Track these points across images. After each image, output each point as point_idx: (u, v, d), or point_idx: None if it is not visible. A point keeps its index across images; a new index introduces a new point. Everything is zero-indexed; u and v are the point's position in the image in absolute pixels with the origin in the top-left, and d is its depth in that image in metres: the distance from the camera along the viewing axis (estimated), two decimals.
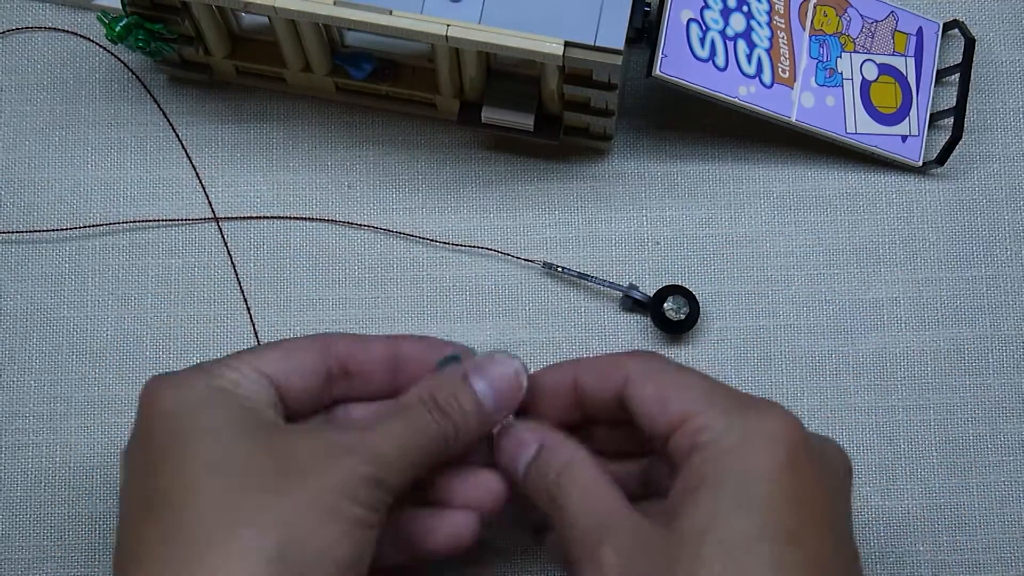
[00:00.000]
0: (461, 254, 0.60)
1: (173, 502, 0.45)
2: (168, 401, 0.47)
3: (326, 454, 0.45)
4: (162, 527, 0.45)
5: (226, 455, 0.45)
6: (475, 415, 0.48)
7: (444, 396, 0.48)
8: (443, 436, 0.48)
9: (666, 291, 0.58)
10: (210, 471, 0.45)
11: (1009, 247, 0.60)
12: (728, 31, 0.58)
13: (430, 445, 0.47)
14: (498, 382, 0.49)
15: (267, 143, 0.61)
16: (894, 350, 0.59)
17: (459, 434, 0.48)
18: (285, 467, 0.45)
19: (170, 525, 0.44)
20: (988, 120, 0.62)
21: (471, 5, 0.52)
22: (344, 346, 0.51)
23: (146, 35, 0.57)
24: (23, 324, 0.60)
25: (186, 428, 0.46)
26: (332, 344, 0.51)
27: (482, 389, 0.49)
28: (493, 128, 0.58)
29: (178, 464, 0.46)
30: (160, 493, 0.45)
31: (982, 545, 0.57)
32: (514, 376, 0.49)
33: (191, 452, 0.46)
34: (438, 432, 0.47)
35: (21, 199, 0.61)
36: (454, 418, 0.48)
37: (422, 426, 0.47)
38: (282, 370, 0.49)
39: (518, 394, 0.49)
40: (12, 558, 0.57)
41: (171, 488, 0.45)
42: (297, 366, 0.50)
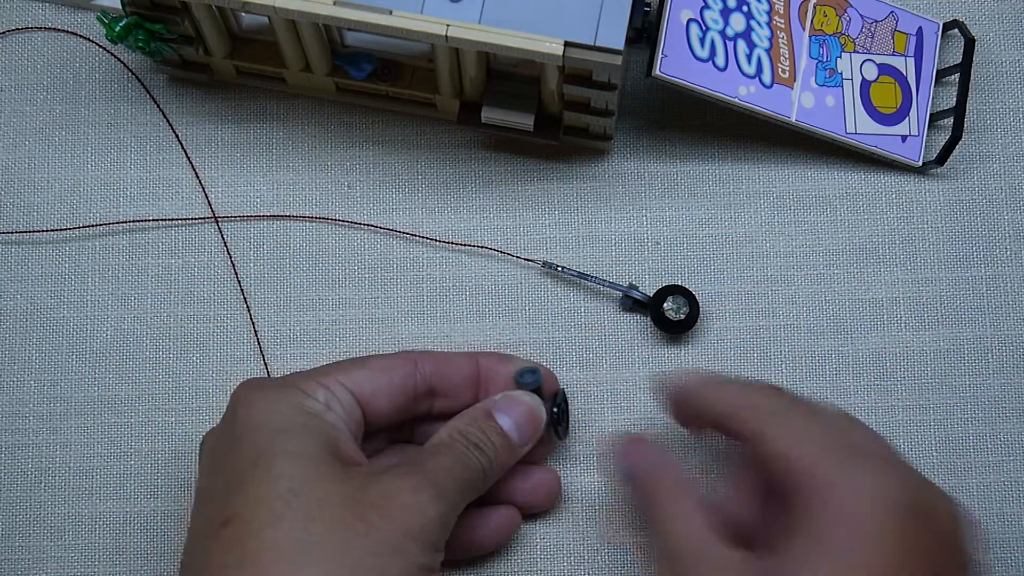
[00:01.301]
0: (461, 254, 0.60)
1: (251, 525, 0.46)
2: (260, 413, 0.49)
3: (399, 492, 0.47)
4: (239, 549, 0.45)
5: (307, 485, 0.46)
6: (504, 448, 0.51)
7: (475, 433, 0.50)
8: (482, 469, 0.50)
9: (666, 291, 0.58)
10: (290, 500, 0.46)
11: (1009, 247, 0.60)
12: (728, 31, 0.58)
13: (474, 479, 0.50)
14: (519, 417, 0.52)
15: (267, 143, 0.61)
16: (894, 350, 0.59)
17: (494, 467, 0.51)
18: (360, 505, 0.46)
19: (248, 548, 0.45)
20: (988, 120, 0.62)
21: (471, 5, 0.52)
22: (431, 365, 0.53)
23: (146, 35, 0.57)
24: (23, 324, 0.60)
25: (274, 449, 0.47)
26: (419, 363, 0.53)
27: (507, 424, 0.51)
28: (493, 128, 0.58)
29: (260, 485, 0.46)
30: (239, 512, 0.46)
31: (982, 545, 0.57)
32: (533, 411, 0.53)
33: (275, 475, 0.47)
34: (478, 466, 0.50)
35: (21, 199, 0.61)
36: (488, 452, 0.50)
37: (467, 462, 0.50)
38: (369, 389, 0.51)
39: (538, 427, 0.52)
40: (12, 558, 0.57)
41: (251, 510, 0.46)
42: (384, 385, 0.51)
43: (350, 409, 0.50)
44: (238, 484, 0.47)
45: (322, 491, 0.46)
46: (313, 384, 0.50)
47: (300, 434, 0.48)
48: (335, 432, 0.49)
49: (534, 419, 0.52)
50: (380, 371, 0.52)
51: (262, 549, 0.45)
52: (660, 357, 0.59)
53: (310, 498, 0.46)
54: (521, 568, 0.57)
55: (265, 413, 0.49)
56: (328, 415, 0.49)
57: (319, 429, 0.48)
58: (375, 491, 0.47)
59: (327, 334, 0.59)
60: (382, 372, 0.52)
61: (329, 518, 0.46)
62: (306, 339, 0.59)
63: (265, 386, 0.50)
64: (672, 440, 0.57)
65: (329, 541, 0.45)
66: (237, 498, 0.47)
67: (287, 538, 0.45)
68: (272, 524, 0.45)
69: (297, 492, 0.46)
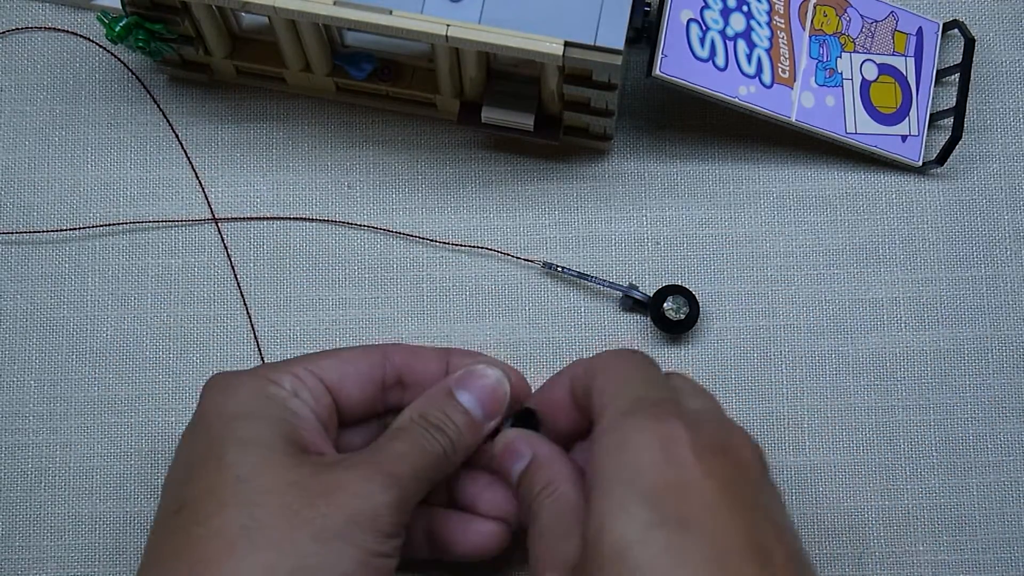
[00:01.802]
0: (461, 254, 0.60)
1: (199, 512, 0.46)
2: (221, 401, 0.49)
3: (349, 480, 0.47)
4: (184, 536, 0.46)
5: (255, 472, 0.46)
6: (467, 427, 0.50)
7: (435, 414, 0.50)
8: (443, 451, 0.49)
9: (666, 291, 0.58)
10: (236, 487, 0.46)
11: (1009, 247, 0.60)
12: (728, 31, 0.58)
13: (434, 462, 0.49)
14: (481, 392, 0.51)
15: (267, 143, 0.61)
16: (894, 350, 0.59)
17: (456, 447, 0.50)
18: (310, 493, 0.46)
19: (192, 535, 0.46)
20: (988, 120, 0.62)
21: (471, 5, 0.52)
22: (400, 357, 0.52)
23: (146, 35, 0.57)
24: (23, 324, 0.60)
25: (227, 436, 0.48)
26: (389, 354, 0.52)
27: (468, 401, 0.51)
28: (493, 128, 0.58)
29: (212, 473, 0.47)
30: (190, 500, 0.47)
31: (982, 545, 0.57)
32: (496, 384, 0.52)
33: (227, 462, 0.47)
34: (438, 448, 0.49)
35: (21, 199, 0.61)
36: (449, 433, 0.50)
37: (423, 445, 0.49)
38: (338, 376, 0.51)
39: (503, 400, 0.52)
40: (12, 558, 0.57)
41: (200, 497, 0.46)
42: (352, 372, 0.51)
43: (318, 395, 0.50)
44: (191, 472, 0.48)
45: (270, 478, 0.46)
46: (280, 372, 0.50)
47: (256, 420, 0.48)
48: (296, 419, 0.49)
49: (497, 393, 0.51)
50: (348, 360, 0.52)
51: (206, 536, 0.45)
52: (660, 357, 0.59)
53: (256, 485, 0.46)
54: (521, 568, 0.57)
55: (226, 401, 0.49)
56: (291, 402, 0.49)
57: (278, 416, 0.48)
58: (325, 479, 0.47)
59: (327, 334, 0.59)
60: (350, 361, 0.52)
61: (274, 505, 0.46)
62: (306, 339, 0.59)
63: (232, 376, 0.50)
64: None
65: (273, 528, 0.45)
66: (188, 486, 0.47)
67: (231, 525, 0.45)
68: (217, 511, 0.46)
69: (244, 479, 0.46)
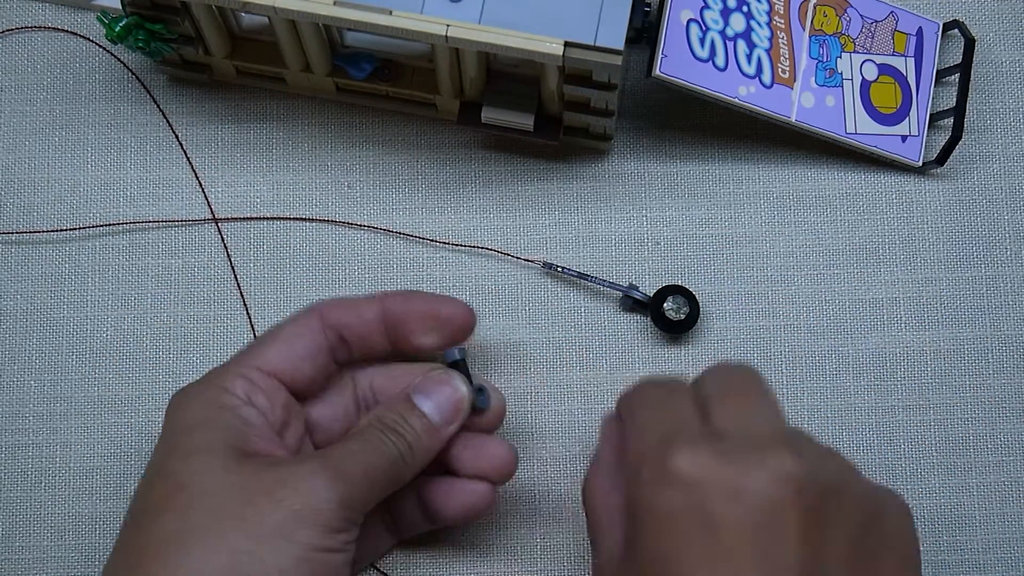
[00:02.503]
0: (461, 254, 0.60)
1: (140, 523, 0.47)
2: (173, 419, 0.50)
3: (292, 478, 0.47)
4: (126, 547, 0.47)
5: (194, 478, 0.47)
6: (425, 431, 0.51)
7: (392, 417, 0.51)
8: (399, 454, 0.50)
9: (666, 291, 0.58)
10: (175, 495, 0.47)
11: (1009, 247, 0.60)
12: (728, 31, 0.58)
13: (389, 465, 0.50)
14: (439, 397, 0.52)
15: (267, 143, 0.61)
16: (894, 350, 0.59)
17: (413, 450, 0.50)
18: (251, 494, 0.47)
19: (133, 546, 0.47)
20: (988, 120, 0.62)
21: (471, 5, 0.52)
22: (337, 315, 0.53)
23: (146, 35, 0.57)
24: (23, 324, 0.60)
25: (175, 447, 0.49)
26: (326, 315, 0.52)
27: (427, 407, 0.51)
28: (493, 128, 0.58)
29: (157, 485, 0.48)
30: (136, 513, 0.48)
31: (982, 545, 0.57)
32: (454, 391, 0.52)
33: (171, 471, 0.48)
34: (394, 451, 0.50)
35: (21, 199, 0.61)
36: (406, 436, 0.50)
37: (379, 447, 0.50)
38: (287, 363, 0.51)
39: (462, 405, 0.52)
40: (12, 558, 0.57)
41: (143, 509, 0.48)
42: (300, 351, 0.52)
43: (272, 394, 0.51)
44: (142, 486, 0.49)
45: (209, 482, 0.47)
46: (230, 377, 0.50)
47: (202, 430, 0.49)
48: (246, 427, 0.49)
49: (456, 400, 0.52)
50: (292, 339, 0.52)
51: (143, 543, 0.46)
52: (660, 357, 0.59)
53: (194, 490, 0.47)
54: (521, 568, 0.57)
55: (178, 416, 0.50)
56: (243, 410, 0.50)
57: (226, 424, 0.49)
58: (268, 478, 0.47)
59: None
60: (295, 339, 0.52)
61: (209, 507, 0.46)
62: None
63: (187, 390, 0.51)
64: None
65: (205, 529, 0.46)
66: (137, 502, 0.49)
67: (166, 531, 0.46)
68: (155, 520, 0.47)
69: (183, 486, 0.47)
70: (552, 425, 0.58)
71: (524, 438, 0.58)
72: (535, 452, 0.58)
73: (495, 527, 0.57)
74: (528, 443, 0.58)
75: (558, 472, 0.58)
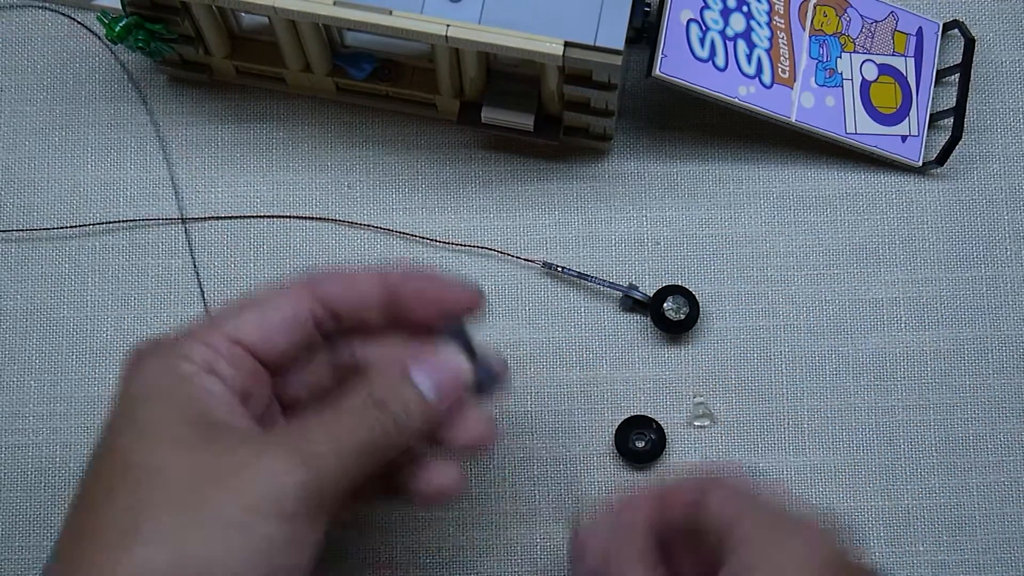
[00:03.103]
0: (461, 254, 0.60)
1: (89, 499, 0.43)
2: (127, 382, 0.46)
3: (252, 462, 0.43)
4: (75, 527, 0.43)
5: (150, 457, 0.43)
6: (417, 407, 0.46)
7: (383, 392, 0.45)
8: (382, 430, 0.45)
9: (666, 291, 0.58)
10: (127, 473, 0.43)
11: (1009, 247, 0.60)
12: (728, 31, 0.58)
13: (370, 443, 0.44)
14: (439, 375, 0.46)
15: (267, 143, 0.61)
16: (894, 350, 0.59)
17: (399, 428, 0.45)
18: (207, 479, 0.42)
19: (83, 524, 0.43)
20: (988, 120, 0.62)
21: (471, 5, 0.52)
22: (330, 289, 0.48)
23: (146, 35, 0.57)
24: (23, 324, 0.60)
25: (125, 420, 0.44)
26: (317, 289, 0.48)
27: (423, 382, 0.46)
28: (493, 128, 0.58)
29: (106, 459, 0.44)
30: (86, 486, 0.44)
31: (982, 545, 0.57)
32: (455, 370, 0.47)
33: (122, 447, 0.44)
34: (377, 428, 0.45)
35: (21, 199, 0.61)
36: (393, 410, 0.45)
37: (360, 424, 0.45)
38: (260, 334, 0.47)
39: (460, 385, 0.47)
40: (12, 558, 0.57)
41: (92, 484, 0.44)
42: (277, 322, 0.47)
43: (237, 362, 0.46)
44: (91, 461, 0.45)
45: (163, 463, 0.43)
46: (192, 343, 0.45)
47: (156, 402, 0.44)
48: (205, 397, 0.44)
49: (456, 377, 0.47)
50: (269, 309, 0.47)
51: (92, 528, 0.42)
52: (660, 357, 0.59)
53: (144, 473, 0.43)
54: (521, 568, 0.57)
55: (132, 380, 0.45)
56: (200, 378, 0.45)
57: (184, 395, 0.44)
58: (227, 461, 0.42)
59: None
60: (271, 310, 0.47)
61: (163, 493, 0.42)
62: None
63: (144, 351, 0.46)
64: None
65: (157, 518, 0.42)
66: (88, 473, 0.44)
67: (116, 514, 0.42)
68: (105, 499, 0.43)
69: (134, 465, 0.43)
70: (552, 425, 0.58)
71: (524, 438, 0.58)
72: (535, 452, 0.58)
73: (495, 527, 0.57)
74: (528, 443, 0.58)
75: (558, 472, 0.58)
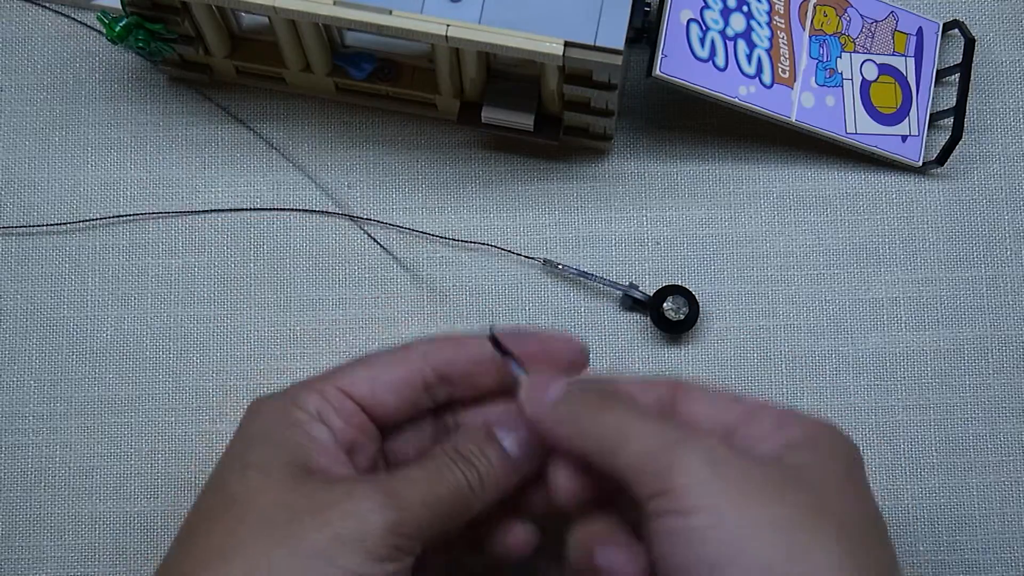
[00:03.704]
0: (461, 253, 0.60)
1: (191, 532, 0.46)
2: (244, 428, 0.49)
3: (342, 499, 0.45)
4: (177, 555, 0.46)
5: (247, 493, 0.46)
6: (500, 463, 0.48)
7: (467, 446, 0.48)
8: (466, 483, 0.47)
9: (666, 291, 0.58)
10: (228, 507, 0.46)
11: (1009, 247, 0.60)
12: (728, 31, 0.58)
13: (454, 495, 0.47)
14: (523, 434, 0.48)
15: (267, 143, 0.61)
16: (894, 350, 0.59)
17: (484, 483, 0.47)
18: (299, 512, 0.45)
19: (183, 554, 0.46)
20: (988, 120, 0.62)
21: (471, 5, 0.52)
22: (440, 352, 0.50)
23: (146, 35, 0.57)
24: (23, 324, 0.60)
25: (234, 460, 0.47)
26: (428, 351, 0.50)
27: (508, 443, 0.48)
28: (493, 128, 0.58)
29: (213, 496, 0.47)
30: (190, 521, 0.47)
31: (982, 545, 0.57)
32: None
33: (226, 484, 0.47)
34: (460, 479, 0.47)
35: (21, 199, 0.61)
36: (478, 467, 0.47)
37: (444, 475, 0.47)
38: (370, 390, 0.49)
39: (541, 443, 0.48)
40: (12, 558, 0.57)
41: (197, 519, 0.47)
42: (388, 381, 0.49)
43: (346, 415, 0.49)
44: (200, 495, 0.48)
45: (262, 498, 0.45)
46: (306, 392, 0.49)
47: (265, 445, 0.47)
48: (311, 443, 0.47)
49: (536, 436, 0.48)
50: (382, 367, 0.50)
51: (188, 553, 0.45)
52: (660, 357, 0.59)
53: (247, 505, 0.45)
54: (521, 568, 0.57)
55: (248, 426, 0.48)
56: (310, 425, 0.48)
57: (291, 440, 0.47)
58: (319, 499, 0.45)
59: (327, 334, 0.59)
60: (384, 368, 0.50)
61: (257, 522, 0.45)
62: (306, 339, 0.59)
63: (264, 399, 0.50)
64: None
65: (250, 544, 0.44)
66: (193, 509, 0.47)
67: (212, 544, 0.45)
68: (206, 531, 0.46)
69: (237, 500, 0.46)
70: None
71: None
72: None
73: None
74: None
75: None
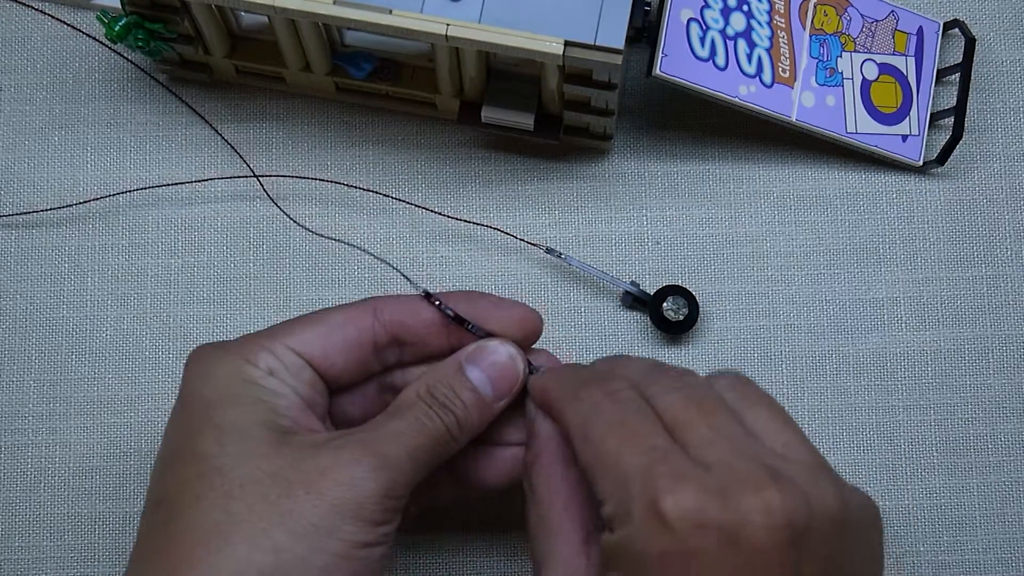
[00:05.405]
0: (461, 254, 0.60)
1: (174, 507, 0.45)
2: (199, 384, 0.47)
3: (334, 468, 0.45)
4: (163, 532, 0.44)
5: (232, 462, 0.45)
6: (474, 405, 0.48)
7: (442, 391, 0.48)
8: (445, 430, 0.47)
9: (666, 291, 0.58)
10: (212, 479, 0.44)
11: (1009, 247, 0.60)
12: (728, 30, 0.58)
13: (434, 441, 0.47)
14: (493, 369, 0.49)
15: (267, 143, 0.61)
16: (894, 350, 0.59)
17: (462, 426, 0.47)
18: (290, 482, 0.44)
19: (170, 532, 0.44)
20: (988, 120, 0.62)
21: (471, 5, 0.52)
22: (392, 312, 0.49)
23: (146, 35, 0.57)
24: (23, 324, 0.60)
25: (204, 424, 0.46)
26: (379, 311, 0.49)
27: (478, 378, 0.48)
28: (493, 128, 0.58)
29: (188, 465, 0.45)
30: (169, 493, 0.45)
31: (982, 545, 0.57)
32: (509, 361, 0.49)
33: (202, 453, 0.45)
34: (441, 428, 0.47)
35: (21, 199, 0.61)
36: (455, 412, 0.47)
37: (425, 424, 0.47)
38: (321, 349, 0.48)
39: (515, 378, 0.49)
40: (12, 558, 0.57)
41: (177, 491, 0.45)
42: (339, 341, 0.48)
43: (298, 372, 0.47)
44: (169, 462, 0.46)
45: (248, 468, 0.44)
46: (255, 349, 0.47)
47: (233, 406, 0.46)
48: (276, 400, 0.46)
49: (508, 372, 0.49)
50: (333, 327, 0.49)
51: (181, 532, 0.44)
52: (660, 357, 0.59)
53: (233, 476, 0.44)
54: (521, 568, 0.57)
55: (203, 383, 0.47)
56: (267, 381, 0.47)
57: (255, 398, 0.46)
58: (308, 466, 0.44)
59: None
60: (335, 328, 0.49)
61: (251, 497, 0.44)
62: None
63: (210, 353, 0.48)
64: None
65: (247, 521, 0.43)
66: (167, 477, 0.46)
67: (206, 520, 0.43)
68: (192, 505, 0.44)
69: (220, 470, 0.44)
70: None
71: None
72: None
73: (495, 527, 0.57)
74: None
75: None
